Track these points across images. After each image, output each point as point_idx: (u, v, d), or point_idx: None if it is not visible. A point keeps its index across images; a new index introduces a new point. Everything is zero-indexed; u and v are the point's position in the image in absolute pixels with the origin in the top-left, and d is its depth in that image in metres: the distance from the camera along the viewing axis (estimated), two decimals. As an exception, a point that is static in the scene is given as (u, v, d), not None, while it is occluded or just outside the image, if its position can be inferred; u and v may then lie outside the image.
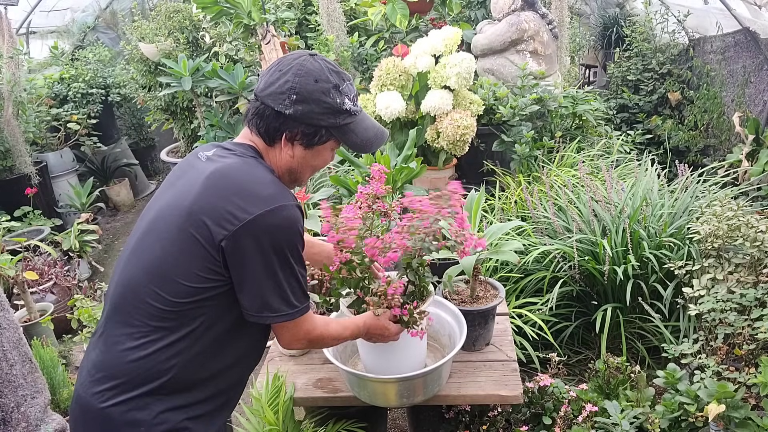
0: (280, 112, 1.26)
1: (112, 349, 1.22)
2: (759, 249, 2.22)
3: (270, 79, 1.28)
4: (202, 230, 1.19)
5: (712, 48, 5.07)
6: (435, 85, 3.54)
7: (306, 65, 1.27)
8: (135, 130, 6.70)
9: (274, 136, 1.30)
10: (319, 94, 1.26)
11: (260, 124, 1.29)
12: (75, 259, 4.26)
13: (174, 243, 1.21)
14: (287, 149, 1.31)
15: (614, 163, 3.58)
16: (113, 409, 1.19)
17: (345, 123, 1.31)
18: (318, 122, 1.28)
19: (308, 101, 1.26)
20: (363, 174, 3.00)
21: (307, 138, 1.29)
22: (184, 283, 1.20)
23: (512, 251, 1.98)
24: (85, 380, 1.24)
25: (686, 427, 1.96)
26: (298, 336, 1.34)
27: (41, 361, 2.43)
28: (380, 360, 1.72)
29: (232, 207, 1.18)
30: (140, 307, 1.21)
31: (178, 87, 4.41)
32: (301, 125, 1.28)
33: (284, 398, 1.84)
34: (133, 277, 1.24)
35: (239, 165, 1.27)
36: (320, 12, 4.46)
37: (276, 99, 1.26)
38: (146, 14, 6.33)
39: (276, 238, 1.20)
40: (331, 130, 1.30)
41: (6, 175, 4.76)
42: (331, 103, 1.28)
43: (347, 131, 1.33)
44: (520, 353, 2.46)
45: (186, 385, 1.24)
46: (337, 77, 1.29)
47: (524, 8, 4.41)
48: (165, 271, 1.21)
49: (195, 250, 1.19)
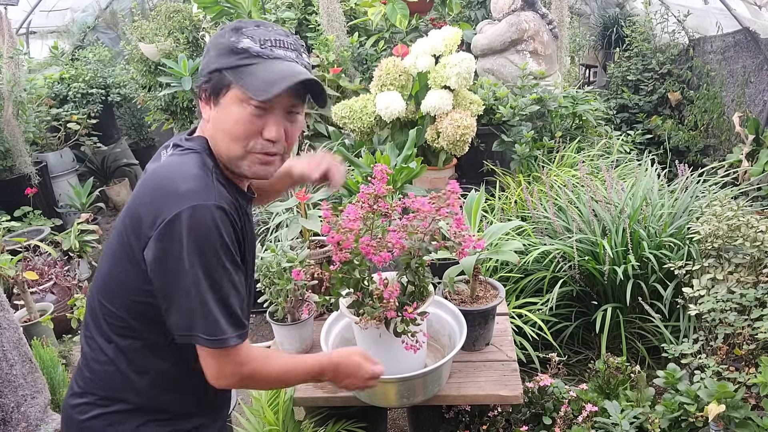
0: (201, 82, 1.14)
1: (87, 363, 1.20)
2: (759, 249, 2.22)
3: None
4: (130, 238, 1.09)
5: (712, 48, 5.08)
6: (435, 85, 3.54)
7: (223, 28, 1.14)
8: (135, 130, 6.70)
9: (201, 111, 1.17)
10: (217, 39, 1.12)
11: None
12: (75, 259, 4.26)
13: (114, 254, 1.14)
14: (205, 114, 1.15)
15: (614, 163, 3.58)
16: (93, 423, 1.17)
17: (241, 64, 1.09)
18: (214, 66, 1.11)
19: (209, 50, 1.13)
20: (363, 174, 3.00)
21: (212, 91, 1.12)
22: (129, 297, 1.12)
23: (512, 251, 1.98)
24: (69, 392, 1.24)
25: (686, 427, 1.96)
26: (224, 371, 1.11)
27: (41, 361, 2.43)
28: (380, 360, 1.72)
29: (150, 210, 1.05)
30: (102, 321, 1.17)
31: (178, 87, 4.40)
32: (203, 79, 1.13)
33: (284, 398, 1.84)
34: (93, 289, 1.21)
35: (173, 162, 1.12)
36: (320, 12, 4.46)
37: (200, 74, 1.15)
38: (146, 14, 6.33)
39: (190, 242, 1.02)
40: (226, 72, 1.09)
41: (6, 175, 4.76)
42: (225, 43, 1.10)
43: (244, 72, 1.08)
44: (520, 353, 2.46)
45: (163, 399, 1.19)
46: (245, 23, 1.12)
47: (524, 8, 4.41)
48: (110, 283, 1.15)
49: (129, 260, 1.10)
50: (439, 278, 1.98)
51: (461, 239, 1.60)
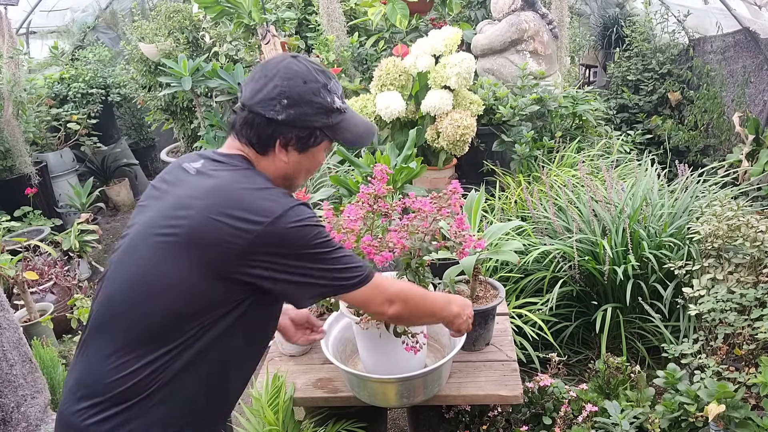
0: (272, 118, 1.22)
1: (94, 367, 1.19)
2: (759, 249, 2.22)
3: (256, 86, 1.24)
4: (204, 251, 1.14)
5: (712, 48, 5.07)
6: (435, 85, 3.54)
7: (292, 67, 1.24)
8: (135, 130, 6.70)
9: (267, 143, 1.25)
10: (310, 95, 1.23)
11: (251, 134, 1.25)
12: (75, 259, 4.26)
13: (166, 261, 1.16)
14: (281, 155, 1.27)
15: (614, 163, 3.58)
16: (95, 428, 1.16)
17: (337, 122, 1.29)
18: (312, 124, 1.25)
19: (300, 104, 1.23)
20: (363, 174, 3.00)
21: (301, 141, 1.26)
22: (173, 302, 1.15)
23: (512, 251, 1.97)
24: (67, 398, 1.21)
25: (686, 427, 1.96)
26: (387, 293, 1.30)
27: (41, 361, 2.43)
28: (380, 360, 1.72)
29: (239, 222, 1.14)
30: (122, 326, 1.17)
31: (178, 87, 4.41)
32: (294, 129, 1.24)
33: (284, 398, 1.84)
34: (115, 293, 1.21)
35: (237, 178, 1.22)
36: (320, 12, 4.46)
37: (266, 105, 1.22)
38: (146, 14, 6.33)
39: (297, 239, 1.17)
40: (325, 130, 1.28)
41: (6, 175, 4.76)
42: (322, 103, 1.25)
43: (339, 129, 1.30)
44: (520, 353, 2.46)
45: (167, 403, 1.19)
46: (323, 76, 1.27)
47: (524, 8, 4.41)
48: (150, 288, 1.16)
49: (191, 270, 1.15)
50: (439, 278, 1.98)
51: (461, 239, 1.60)
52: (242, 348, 1.28)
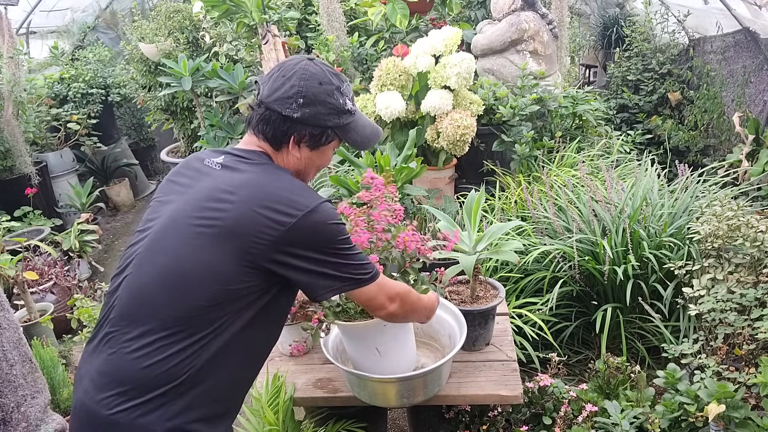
0: (288, 116, 1.30)
1: (122, 355, 1.21)
2: (759, 249, 2.22)
3: (274, 85, 1.31)
4: (240, 241, 1.20)
5: (712, 48, 5.07)
6: (435, 85, 3.54)
7: (309, 69, 1.32)
8: (135, 130, 6.70)
9: (282, 139, 1.33)
10: (324, 96, 1.32)
11: (267, 130, 1.32)
12: (75, 259, 4.26)
13: (203, 251, 1.21)
14: (294, 151, 1.35)
15: (614, 163, 3.58)
16: (121, 415, 1.18)
17: (347, 122, 1.38)
18: (324, 123, 1.34)
19: (315, 104, 1.31)
20: (363, 174, 3.00)
21: (314, 139, 1.34)
22: (207, 290, 1.20)
23: (512, 251, 1.98)
24: (89, 388, 1.22)
25: (686, 427, 1.96)
26: (390, 294, 1.39)
27: (41, 361, 2.43)
28: (367, 360, 1.71)
29: (273, 214, 1.21)
30: (154, 314, 1.20)
31: (178, 87, 4.41)
32: (308, 127, 1.32)
33: (284, 398, 1.84)
34: (144, 284, 1.23)
35: (266, 173, 1.30)
36: (320, 12, 4.46)
37: (283, 104, 1.30)
38: (146, 14, 6.33)
39: (324, 232, 1.25)
40: (336, 130, 1.37)
41: (6, 175, 4.76)
42: (335, 104, 1.34)
43: (349, 130, 1.39)
44: (520, 353, 2.46)
45: (196, 389, 1.22)
46: (337, 79, 1.35)
47: (524, 8, 4.41)
48: (183, 278, 1.21)
49: (227, 259, 1.20)
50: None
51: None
52: (264, 338, 1.36)
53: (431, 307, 1.62)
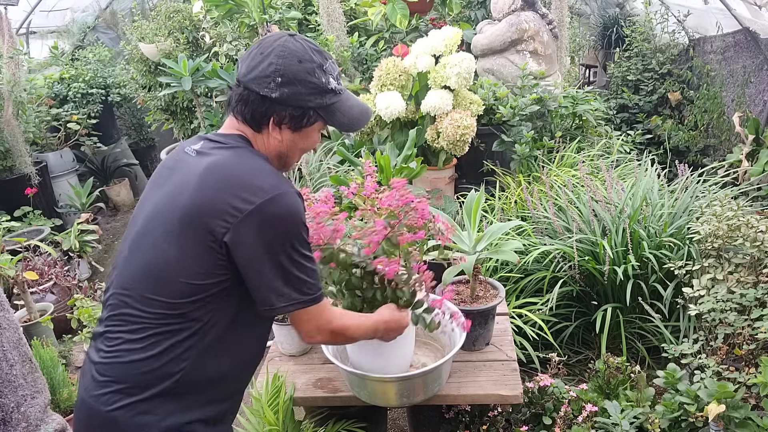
0: (266, 96, 1.23)
1: (116, 352, 1.21)
2: (759, 249, 2.22)
3: (252, 63, 1.24)
4: (202, 227, 1.16)
5: (712, 48, 5.07)
6: (435, 85, 3.54)
7: (288, 46, 1.24)
8: (135, 130, 6.70)
9: (261, 121, 1.26)
10: (304, 75, 1.23)
11: (245, 111, 1.26)
12: (75, 259, 4.26)
13: (173, 243, 1.18)
14: (275, 133, 1.28)
15: (614, 163, 3.58)
16: (119, 413, 1.18)
17: (331, 102, 1.29)
18: (305, 103, 1.26)
19: (294, 83, 1.23)
20: (363, 174, 3.00)
21: (295, 120, 1.26)
22: (186, 282, 1.18)
23: (512, 251, 1.97)
24: (89, 384, 1.23)
25: (686, 427, 1.96)
26: (319, 325, 1.29)
27: (41, 361, 2.43)
28: (367, 359, 1.71)
29: (232, 199, 1.16)
30: (142, 310, 1.20)
31: (178, 87, 4.40)
32: (288, 108, 1.25)
33: (284, 398, 1.84)
34: (131, 279, 1.22)
35: (233, 156, 1.24)
36: (320, 12, 4.46)
37: (261, 83, 1.22)
38: (146, 14, 6.33)
39: (280, 226, 1.18)
40: (318, 111, 1.28)
41: (6, 175, 4.76)
42: (316, 83, 1.25)
43: (334, 111, 1.30)
44: (520, 353, 2.46)
45: (191, 388, 1.22)
46: (320, 56, 1.27)
47: (524, 8, 4.41)
48: (165, 272, 1.19)
49: (196, 247, 1.17)
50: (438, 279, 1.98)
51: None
52: (254, 335, 1.33)
53: (370, 334, 1.46)
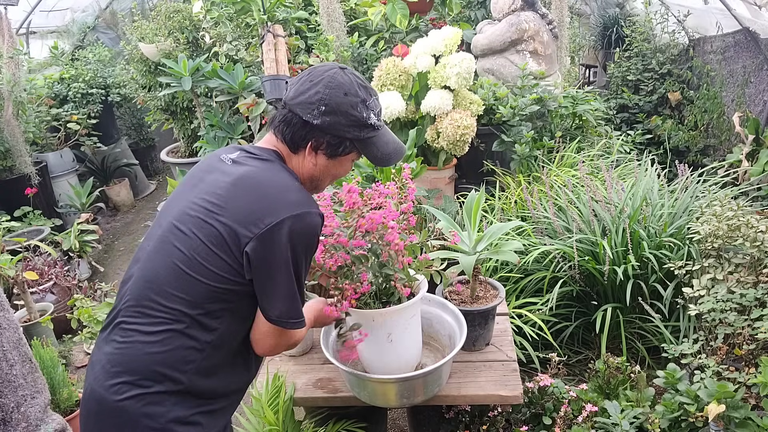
0: (308, 121, 1.30)
1: (130, 344, 1.23)
2: (759, 249, 2.22)
3: (300, 89, 1.32)
4: (229, 232, 1.23)
5: (712, 48, 5.07)
6: (435, 85, 3.54)
7: (337, 78, 1.32)
8: (135, 130, 6.70)
9: (299, 144, 1.34)
10: (347, 107, 1.31)
11: (286, 131, 1.33)
12: (75, 259, 4.26)
13: (199, 244, 1.24)
14: (311, 157, 1.35)
15: (614, 163, 3.58)
16: (129, 402, 1.20)
17: (368, 136, 1.37)
18: (343, 134, 1.33)
19: (336, 113, 1.31)
20: (363, 174, 3.00)
21: (331, 148, 1.34)
22: (207, 283, 1.23)
23: (512, 251, 1.97)
24: (99, 374, 1.25)
25: (686, 427, 1.96)
26: (288, 342, 1.37)
27: (41, 361, 2.43)
28: (372, 356, 1.72)
29: (259, 211, 1.23)
30: (161, 304, 1.23)
31: (178, 87, 4.40)
32: (326, 135, 1.32)
33: (284, 398, 1.84)
34: (156, 274, 1.26)
35: (267, 170, 1.32)
36: (320, 12, 4.46)
37: (305, 108, 1.30)
38: (146, 14, 6.33)
39: (297, 243, 1.24)
40: (355, 143, 1.36)
41: (6, 175, 4.76)
42: (357, 117, 1.33)
43: (369, 144, 1.38)
44: (520, 353, 2.46)
45: (201, 383, 1.26)
46: (365, 92, 1.34)
47: (524, 8, 4.41)
48: (189, 270, 1.23)
49: (220, 251, 1.23)
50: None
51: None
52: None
53: (313, 326, 1.57)
